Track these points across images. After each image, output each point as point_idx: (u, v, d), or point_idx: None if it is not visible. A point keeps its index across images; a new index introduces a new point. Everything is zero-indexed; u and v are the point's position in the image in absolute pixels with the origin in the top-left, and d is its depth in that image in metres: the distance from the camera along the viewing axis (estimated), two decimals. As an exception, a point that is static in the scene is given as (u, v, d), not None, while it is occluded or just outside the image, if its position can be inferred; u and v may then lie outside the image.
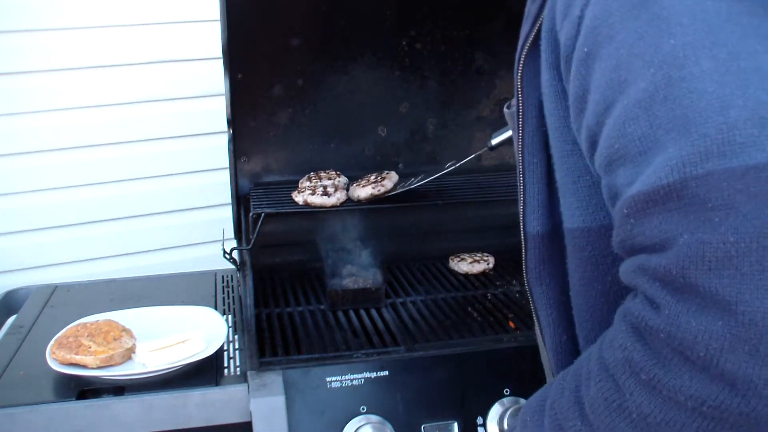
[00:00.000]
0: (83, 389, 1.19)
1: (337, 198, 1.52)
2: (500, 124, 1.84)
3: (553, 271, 0.87)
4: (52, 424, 1.14)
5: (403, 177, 1.69)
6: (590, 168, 0.75)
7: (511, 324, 1.49)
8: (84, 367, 1.21)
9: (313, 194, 1.52)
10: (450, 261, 1.80)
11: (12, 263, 2.00)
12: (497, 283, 1.71)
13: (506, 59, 1.77)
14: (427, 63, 1.74)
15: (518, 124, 0.85)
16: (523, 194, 0.87)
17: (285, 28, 1.62)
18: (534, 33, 0.80)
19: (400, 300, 1.63)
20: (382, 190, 1.53)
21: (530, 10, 0.83)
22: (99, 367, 1.22)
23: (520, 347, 1.30)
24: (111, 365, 1.23)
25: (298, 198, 1.53)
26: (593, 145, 0.70)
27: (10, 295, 1.67)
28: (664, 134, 0.60)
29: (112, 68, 2.00)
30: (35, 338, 1.39)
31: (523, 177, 0.86)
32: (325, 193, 1.51)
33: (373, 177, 1.58)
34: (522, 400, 1.25)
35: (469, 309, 1.58)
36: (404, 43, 1.71)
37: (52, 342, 1.27)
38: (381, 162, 1.80)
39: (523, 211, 0.87)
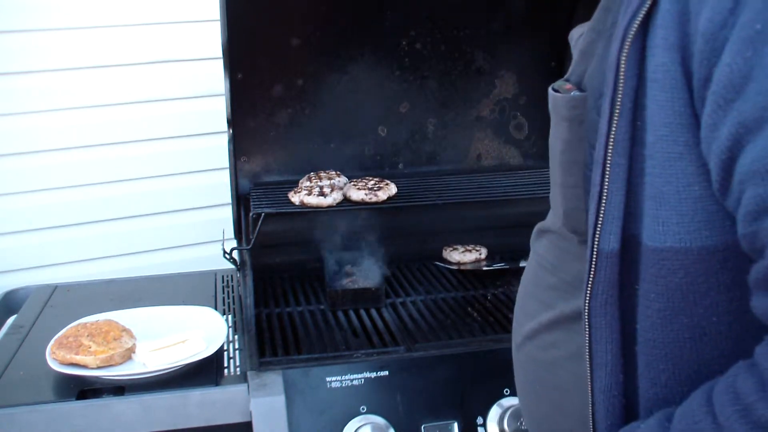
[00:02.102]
0: (83, 389, 1.19)
1: (333, 198, 1.51)
2: (500, 125, 1.86)
3: (621, 297, 0.72)
4: (52, 424, 1.14)
5: (404, 177, 1.70)
6: (713, 175, 0.63)
7: (511, 324, 1.49)
8: (84, 367, 1.21)
9: (309, 194, 1.52)
10: (443, 251, 1.82)
11: (12, 263, 2.00)
12: (497, 283, 1.71)
13: (506, 59, 1.78)
14: (427, 63, 1.74)
15: (611, 116, 0.69)
16: (604, 202, 0.71)
17: (285, 28, 1.62)
18: (648, 5, 0.66)
19: (400, 300, 1.63)
20: (374, 199, 1.53)
21: None
22: (99, 367, 1.22)
23: (520, 347, 1.31)
24: (111, 365, 1.23)
25: (295, 198, 1.53)
26: (736, 146, 0.59)
27: (10, 295, 1.67)
28: None
29: (112, 68, 2.00)
30: (35, 338, 1.39)
31: (608, 181, 0.70)
32: (321, 194, 1.51)
33: (372, 182, 1.58)
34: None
35: (469, 309, 1.58)
36: (404, 43, 1.71)
37: (52, 342, 1.27)
38: (381, 162, 1.80)
39: (601, 222, 0.71)
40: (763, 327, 0.57)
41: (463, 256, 1.78)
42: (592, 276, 0.73)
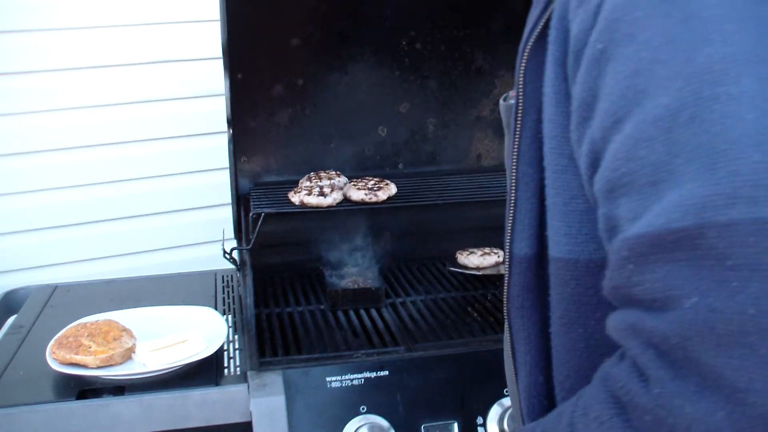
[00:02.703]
0: (83, 389, 1.19)
1: (333, 198, 1.51)
2: (500, 125, 1.85)
3: (538, 302, 0.74)
4: (52, 424, 1.14)
5: (404, 177, 1.69)
6: (586, 190, 0.64)
7: (511, 324, 1.49)
8: (84, 367, 1.21)
9: (309, 194, 1.52)
10: (458, 256, 1.75)
11: (12, 263, 2.00)
12: (497, 283, 1.71)
13: (506, 59, 1.78)
14: (427, 63, 1.74)
15: (515, 127, 0.72)
16: (513, 209, 0.73)
17: (285, 28, 1.62)
18: (543, 20, 0.67)
19: (400, 300, 1.63)
20: (374, 199, 1.53)
21: None
22: (99, 367, 1.22)
23: (520, 347, 1.30)
24: (111, 365, 1.23)
25: (295, 198, 1.53)
26: (595, 163, 0.59)
27: (10, 295, 1.67)
28: (683, 164, 0.50)
29: (112, 68, 2.00)
30: (35, 338, 1.39)
31: (516, 189, 0.73)
32: (321, 194, 1.51)
33: (372, 182, 1.58)
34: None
35: (469, 309, 1.58)
36: (404, 43, 1.71)
37: (52, 342, 1.27)
38: (381, 162, 1.80)
39: (512, 228, 0.74)
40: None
41: (482, 259, 1.70)
42: (508, 279, 0.75)
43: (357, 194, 1.53)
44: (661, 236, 0.50)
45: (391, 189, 1.57)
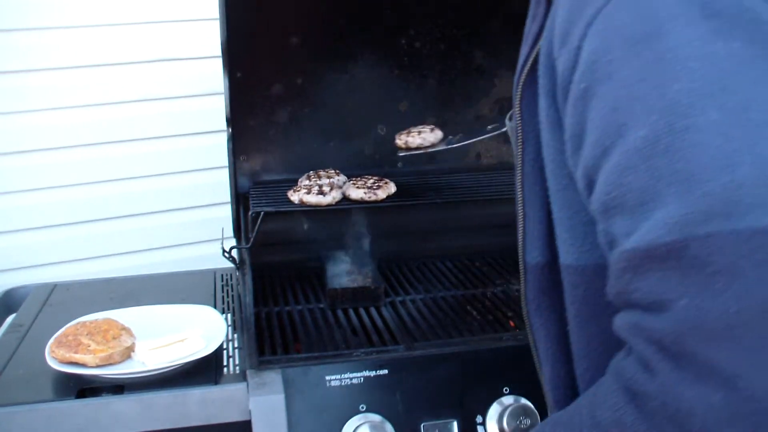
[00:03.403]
0: (83, 388, 1.19)
1: (332, 197, 1.51)
2: (500, 123, 1.85)
3: (554, 303, 0.82)
4: (51, 423, 1.14)
5: (403, 176, 1.70)
6: (586, 205, 0.71)
7: (511, 323, 1.49)
8: (83, 365, 1.21)
9: (308, 193, 1.52)
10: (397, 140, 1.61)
11: (11, 262, 2.00)
12: (497, 281, 1.71)
13: (506, 58, 1.78)
14: (426, 62, 1.74)
15: (519, 150, 0.81)
16: (523, 222, 0.83)
17: (285, 28, 1.62)
18: (533, 56, 0.76)
19: (400, 299, 1.63)
20: (373, 198, 1.53)
21: (530, 30, 0.78)
22: (98, 366, 1.21)
23: (519, 346, 1.30)
24: (110, 364, 1.23)
25: (294, 197, 1.53)
26: (590, 185, 0.66)
27: (10, 293, 1.67)
28: (665, 188, 0.57)
29: (111, 67, 2.00)
30: (34, 337, 1.38)
31: (523, 205, 0.82)
32: (321, 192, 1.51)
33: (371, 181, 1.58)
34: (522, 399, 1.25)
35: (469, 308, 1.58)
36: (404, 42, 1.71)
37: (51, 341, 1.27)
38: (380, 161, 1.80)
39: (523, 239, 0.83)
40: None
41: (423, 138, 1.57)
42: (524, 284, 0.85)
43: (356, 193, 1.53)
44: (651, 249, 0.57)
45: (391, 188, 1.57)
